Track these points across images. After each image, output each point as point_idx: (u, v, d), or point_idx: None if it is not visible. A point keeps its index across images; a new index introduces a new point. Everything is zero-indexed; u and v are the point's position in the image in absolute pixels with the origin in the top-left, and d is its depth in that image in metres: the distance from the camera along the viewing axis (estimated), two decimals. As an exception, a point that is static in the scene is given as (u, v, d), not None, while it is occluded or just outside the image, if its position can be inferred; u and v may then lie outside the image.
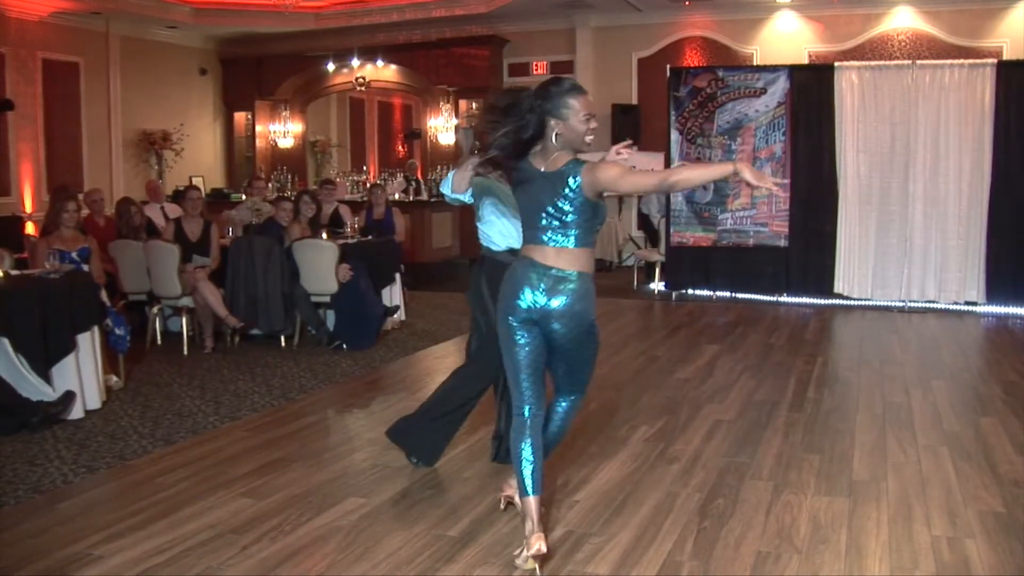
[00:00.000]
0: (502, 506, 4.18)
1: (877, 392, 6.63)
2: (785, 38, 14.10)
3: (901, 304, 10.38)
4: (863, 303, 10.51)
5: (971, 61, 10.71)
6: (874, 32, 13.79)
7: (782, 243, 10.66)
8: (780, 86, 10.67)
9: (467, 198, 4.84)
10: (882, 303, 10.47)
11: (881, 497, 4.50)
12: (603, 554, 3.83)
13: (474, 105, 15.44)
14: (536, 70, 15.37)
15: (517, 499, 3.85)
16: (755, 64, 13.59)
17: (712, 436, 5.51)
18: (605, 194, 3.75)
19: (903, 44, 13.64)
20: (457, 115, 15.42)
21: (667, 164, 10.86)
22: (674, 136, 10.85)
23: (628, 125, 14.16)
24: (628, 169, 3.69)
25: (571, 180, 3.66)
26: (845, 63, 11.03)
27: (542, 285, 3.63)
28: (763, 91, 10.69)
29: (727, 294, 11.05)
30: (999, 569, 3.70)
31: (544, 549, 3.55)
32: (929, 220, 10.28)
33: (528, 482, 3.64)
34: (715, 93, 10.81)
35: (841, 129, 10.46)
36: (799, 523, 4.16)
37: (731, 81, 10.84)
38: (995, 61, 10.59)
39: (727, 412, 6.04)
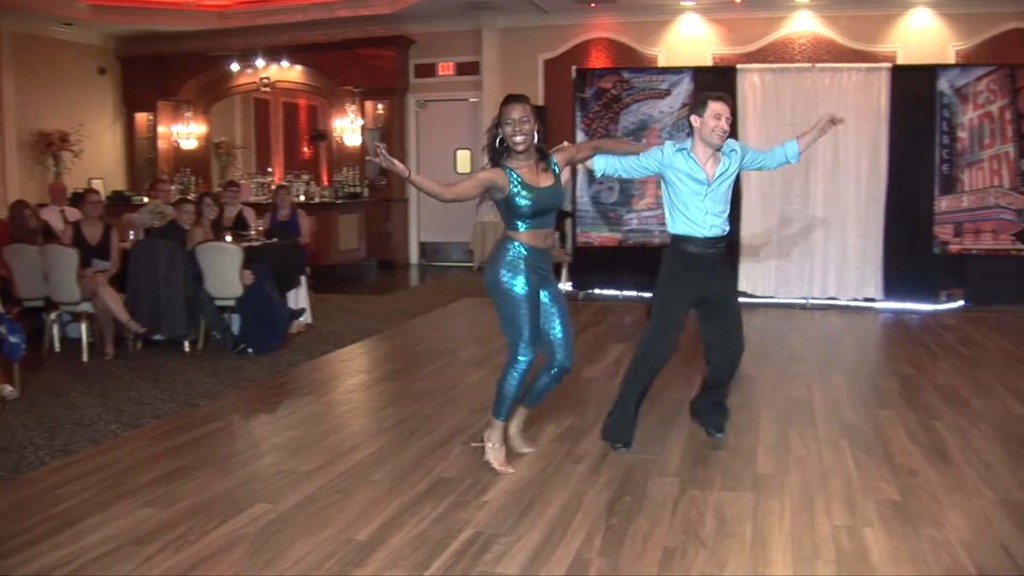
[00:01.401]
0: None
1: (780, 388, 6.77)
2: (689, 40, 14.30)
3: (803, 301, 10.61)
4: (766, 301, 10.71)
5: (868, 65, 11.02)
6: (776, 35, 14.07)
7: (687, 243, 10.77)
8: (684, 87, 10.82)
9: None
10: (784, 300, 10.69)
11: (784, 490, 4.60)
12: (512, 554, 3.84)
13: (380, 107, 15.36)
14: (442, 71, 15.38)
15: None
16: (660, 66, 13.78)
17: (619, 434, 5.56)
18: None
19: (804, 47, 13.95)
20: (363, 116, 15.31)
21: (572, 165, 10.90)
22: (580, 137, 10.91)
23: (534, 126, 14.20)
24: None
25: None
26: (747, 65, 11.24)
27: None
28: (667, 92, 10.83)
29: (633, 293, 11.15)
30: (895, 555, 3.81)
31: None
32: (829, 219, 10.53)
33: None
34: (620, 94, 10.92)
35: (743, 130, 10.63)
36: (705, 518, 4.22)
37: (636, 82, 10.96)
38: (890, 65, 10.94)
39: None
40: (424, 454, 5.19)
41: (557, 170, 4.98)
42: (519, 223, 4.82)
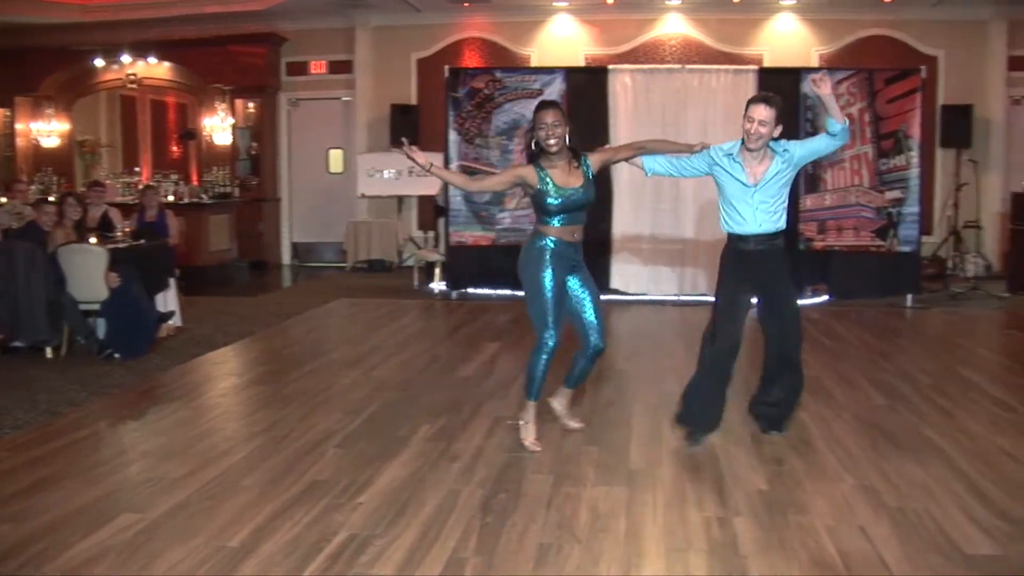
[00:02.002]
0: None
1: (652, 383, 6.89)
2: (562, 41, 14.45)
3: (675, 298, 10.82)
4: (639, 298, 10.89)
5: (735, 67, 11.34)
6: (647, 37, 14.33)
7: (560, 241, 10.87)
8: (556, 87, 10.91)
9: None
10: (657, 297, 10.88)
11: (657, 483, 4.68)
12: (388, 555, 3.81)
13: (251, 105, 15.08)
14: (315, 69, 15.20)
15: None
16: (532, 66, 13.87)
17: (493, 432, 5.58)
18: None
19: (674, 49, 14.24)
20: (234, 115, 15.01)
21: (446, 164, 10.93)
22: (452, 136, 10.92)
23: (407, 125, 14.16)
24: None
25: None
26: (619, 66, 11.43)
27: None
28: (540, 92, 10.89)
29: (507, 292, 11.19)
30: (763, 542, 3.92)
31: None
32: (699, 217, 10.76)
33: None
34: (493, 94, 10.96)
35: (615, 130, 10.79)
36: (579, 513, 4.26)
37: (508, 82, 11.01)
38: (757, 68, 11.27)
39: (508, 408, 6.11)
40: (297, 457, 5.11)
41: (589, 172, 5.32)
42: (547, 219, 5.27)
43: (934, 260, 12.93)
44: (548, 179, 5.21)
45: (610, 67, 11.27)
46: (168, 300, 8.96)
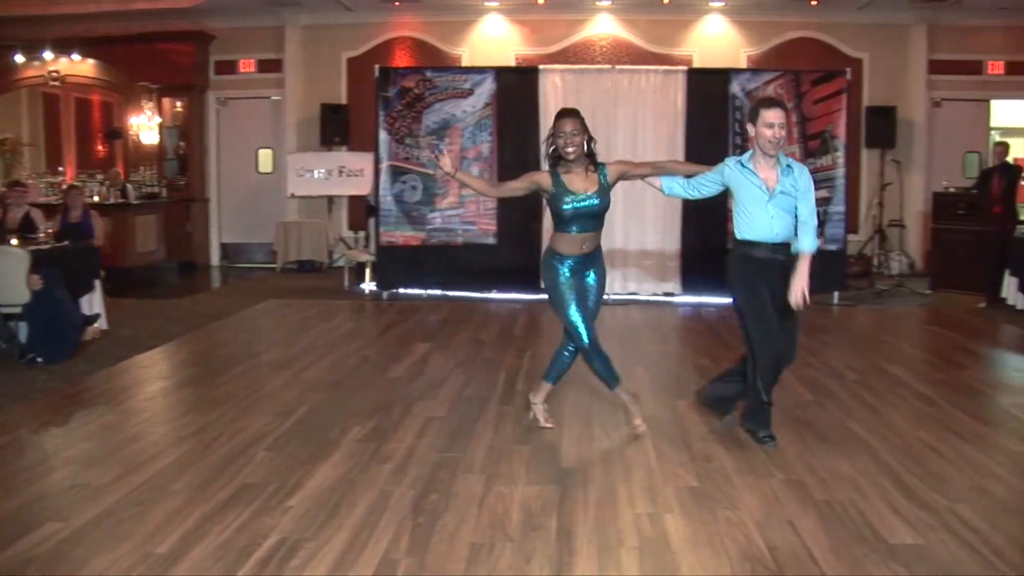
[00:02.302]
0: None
1: (583, 382, 6.89)
2: (493, 41, 14.46)
3: (605, 297, 10.84)
4: (570, 297, 10.90)
5: (665, 68, 11.45)
6: (578, 37, 14.41)
7: (490, 241, 10.91)
8: (487, 87, 10.92)
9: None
10: (588, 297, 10.90)
11: (588, 482, 4.70)
12: (319, 558, 3.78)
13: (178, 104, 14.86)
14: (244, 68, 15.01)
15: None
16: (463, 65, 13.87)
17: (424, 433, 5.56)
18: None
19: (604, 49, 14.33)
20: (161, 114, 14.78)
21: (376, 164, 10.89)
22: (382, 136, 10.86)
23: (337, 125, 14.14)
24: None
25: None
26: (549, 66, 11.46)
27: None
28: (470, 92, 10.90)
29: (438, 292, 11.18)
30: (694, 539, 3.97)
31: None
32: (629, 216, 10.84)
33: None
34: (423, 93, 10.92)
35: (545, 129, 10.76)
36: (511, 512, 4.27)
37: (439, 82, 10.98)
38: (686, 68, 11.38)
39: (439, 408, 6.12)
40: (227, 461, 5.04)
41: (605, 181, 5.48)
42: (563, 227, 5.49)
43: (860, 258, 13.18)
44: (563, 185, 5.39)
45: (540, 67, 11.30)
46: (93, 302, 8.80)
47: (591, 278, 5.66)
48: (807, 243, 5.24)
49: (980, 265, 11.04)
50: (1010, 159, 12.33)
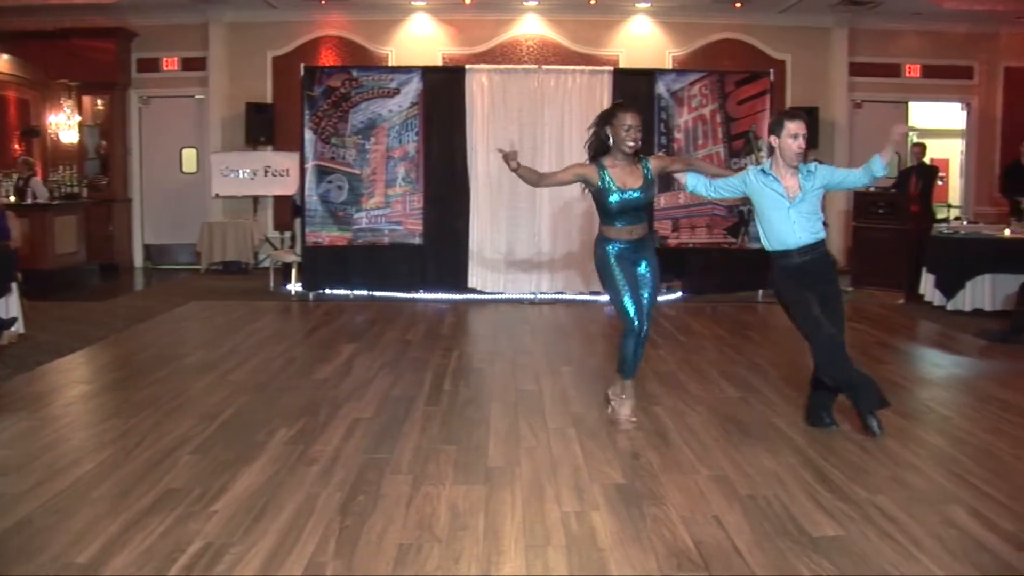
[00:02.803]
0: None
1: (510, 381, 6.93)
2: (420, 40, 14.43)
3: (532, 296, 10.91)
4: (496, 296, 10.95)
5: (591, 68, 11.51)
6: (504, 37, 14.44)
7: (417, 241, 10.87)
8: (413, 87, 10.88)
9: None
10: (514, 296, 10.96)
11: (515, 481, 4.71)
12: (245, 562, 3.72)
13: (99, 102, 14.57)
14: (167, 66, 14.74)
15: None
16: (390, 65, 13.81)
17: (351, 434, 5.52)
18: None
19: (531, 49, 14.39)
20: (81, 112, 14.47)
21: (302, 164, 10.80)
22: (308, 136, 10.77)
23: (262, 124, 14.00)
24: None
25: None
26: (476, 66, 11.45)
27: None
28: (397, 92, 10.85)
29: (364, 293, 11.12)
30: (621, 535, 4.00)
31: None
32: (555, 216, 10.88)
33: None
34: (349, 93, 10.85)
35: (472, 129, 10.83)
36: (439, 513, 4.26)
37: (365, 81, 10.92)
38: (611, 69, 11.46)
39: (366, 409, 6.08)
40: (149, 466, 4.95)
41: (649, 174, 5.58)
42: (609, 221, 5.62)
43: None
44: (609, 178, 5.48)
45: (467, 67, 11.29)
46: (10, 306, 8.58)
47: (643, 267, 5.75)
48: (875, 168, 5.48)
49: (899, 263, 11.30)
50: (927, 160, 12.61)
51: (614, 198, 5.48)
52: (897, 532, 4.02)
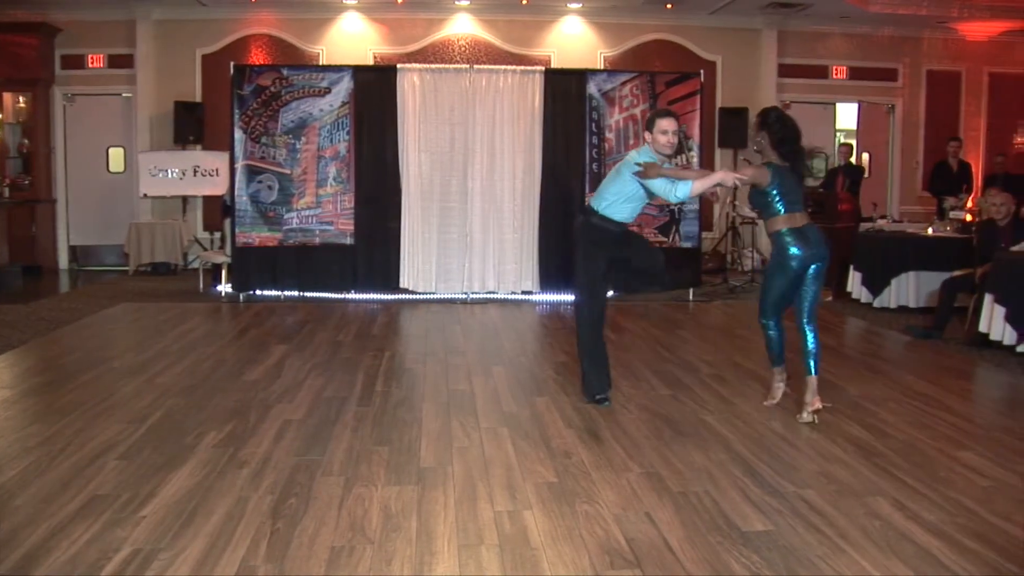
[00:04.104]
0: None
1: (442, 381, 6.92)
2: (351, 39, 14.36)
3: (464, 296, 10.91)
4: (428, 296, 10.93)
5: (522, 68, 11.51)
6: (436, 36, 14.45)
7: (348, 241, 10.81)
8: (344, 86, 10.81)
9: None
10: (446, 296, 10.95)
11: (448, 481, 4.69)
12: (174, 568, 3.66)
13: (21, 99, 14.26)
14: (92, 63, 14.45)
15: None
16: (321, 64, 13.73)
17: (282, 436, 5.47)
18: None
19: (463, 49, 14.39)
20: (1, 109, 14.14)
21: (232, 163, 10.68)
22: (238, 135, 10.64)
23: (191, 123, 13.83)
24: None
25: None
26: (407, 65, 11.40)
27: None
28: (327, 91, 10.77)
29: (295, 293, 11.02)
30: (553, 533, 4.01)
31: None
32: (487, 215, 10.88)
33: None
34: (279, 92, 10.74)
35: (403, 129, 10.78)
36: (371, 514, 4.23)
37: (296, 80, 10.82)
38: (543, 68, 11.50)
39: (297, 411, 6.02)
40: (75, 472, 4.84)
41: None
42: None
43: (714, 255, 13.54)
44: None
45: (399, 66, 11.23)
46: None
47: (814, 270, 6.16)
48: (680, 190, 5.96)
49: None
50: (854, 159, 12.86)
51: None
52: (824, 525, 4.10)
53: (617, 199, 6.11)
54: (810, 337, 5.93)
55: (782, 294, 6.03)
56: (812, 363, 5.89)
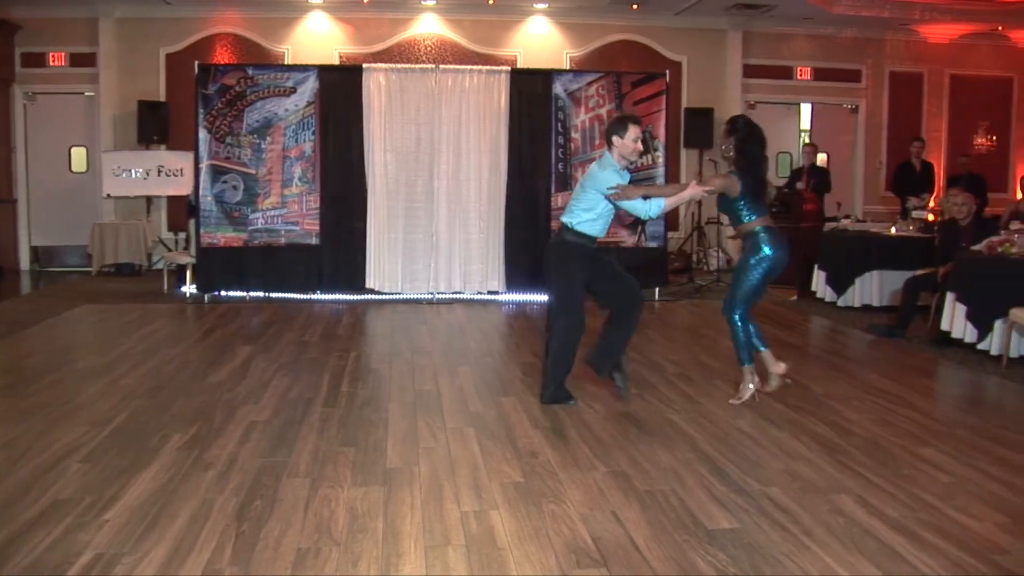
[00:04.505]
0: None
1: (408, 381, 6.91)
2: (316, 38, 14.32)
3: (430, 296, 10.89)
4: (394, 297, 10.91)
5: (488, 68, 11.51)
6: (402, 36, 14.43)
7: (314, 241, 10.77)
8: (310, 86, 10.77)
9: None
10: (412, 296, 10.93)
11: (414, 481, 4.69)
12: (138, 572, 3.63)
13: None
14: (54, 62, 14.29)
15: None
16: (286, 63, 13.67)
17: (248, 438, 5.44)
18: None
19: (429, 49, 14.38)
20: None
21: (196, 163, 10.61)
22: (202, 135, 10.57)
23: (155, 123, 13.72)
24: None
25: None
26: (373, 65, 11.37)
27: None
28: (293, 90, 10.73)
29: (261, 294, 10.96)
30: (520, 533, 4.02)
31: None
32: (453, 216, 10.88)
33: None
34: (245, 91, 10.68)
35: (369, 128, 10.76)
36: (337, 516, 4.22)
37: (261, 80, 10.77)
38: (509, 68, 11.50)
39: (262, 412, 5.99)
40: (36, 476, 4.79)
41: None
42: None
43: (680, 254, 13.60)
44: None
45: (364, 66, 11.21)
46: None
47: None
48: (653, 208, 6.15)
49: (792, 260, 11.53)
50: (818, 160, 12.96)
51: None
52: (789, 522, 4.13)
53: (588, 216, 6.15)
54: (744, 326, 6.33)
55: (755, 289, 6.19)
56: (757, 342, 6.31)
